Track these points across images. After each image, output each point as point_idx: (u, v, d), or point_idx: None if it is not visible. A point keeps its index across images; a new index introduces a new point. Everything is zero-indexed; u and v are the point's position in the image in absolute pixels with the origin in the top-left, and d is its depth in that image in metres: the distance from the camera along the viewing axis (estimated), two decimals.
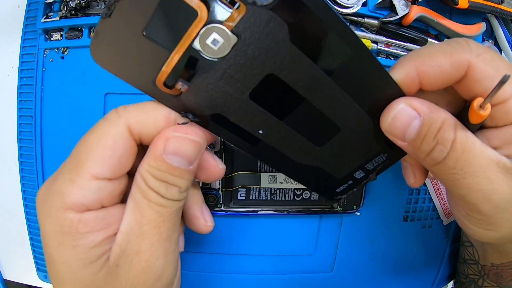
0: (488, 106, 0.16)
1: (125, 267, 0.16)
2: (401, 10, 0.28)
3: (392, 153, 0.21)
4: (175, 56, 0.15)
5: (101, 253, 0.16)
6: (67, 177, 0.16)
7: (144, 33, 0.14)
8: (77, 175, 0.16)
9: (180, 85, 0.16)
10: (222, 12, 0.14)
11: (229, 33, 0.14)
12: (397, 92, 0.18)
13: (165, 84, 0.16)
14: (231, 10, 0.14)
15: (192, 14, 0.14)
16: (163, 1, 0.14)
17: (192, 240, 0.30)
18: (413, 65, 0.17)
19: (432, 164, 0.18)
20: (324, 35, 0.15)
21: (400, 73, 0.18)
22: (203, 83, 0.16)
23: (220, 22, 0.14)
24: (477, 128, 0.18)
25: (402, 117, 0.18)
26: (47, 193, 0.17)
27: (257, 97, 0.17)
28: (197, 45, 0.14)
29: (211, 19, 0.14)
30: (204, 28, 0.14)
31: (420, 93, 0.18)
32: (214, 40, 0.14)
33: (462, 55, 0.17)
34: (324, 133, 0.20)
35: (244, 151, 0.20)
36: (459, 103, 0.19)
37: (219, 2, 0.14)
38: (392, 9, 0.28)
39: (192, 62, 0.15)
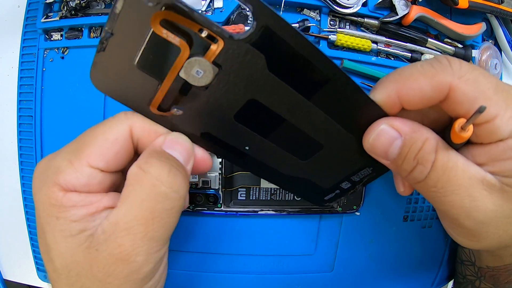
0: (470, 127, 0.16)
1: (104, 254, 0.16)
2: (401, 10, 0.28)
3: (377, 167, 0.21)
4: (165, 85, 0.16)
5: (81, 229, 0.17)
6: (67, 157, 0.18)
7: (136, 65, 0.16)
8: (75, 158, 0.17)
9: (175, 111, 0.17)
10: (202, 46, 0.15)
11: (210, 64, 0.15)
12: (379, 112, 0.18)
13: (159, 108, 0.17)
14: (210, 45, 0.15)
15: (177, 48, 0.15)
16: (151, 38, 0.15)
17: (192, 240, 0.30)
18: (393, 88, 0.17)
19: (414, 182, 0.18)
20: (301, 63, 0.16)
21: (381, 95, 0.18)
22: (192, 107, 0.17)
23: (202, 55, 0.15)
24: (461, 146, 0.18)
25: (384, 138, 0.18)
26: (46, 167, 0.18)
27: (241, 118, 0.18)
28: (183, 75, 0.16)
29: (193, 53, 0.15)
30: (187, 61, 0.15)
31: (404, 110, 0.18)
32: (197, 71, 0.16)
33: (443, 77, 0.16)
34: (308, 149, 0.20)
35: (233, 164, 0.21)
36: (445, 118, 0.19)
37: (199, 39, 0.15)
38: (392, 9, 0.28)
39: (182, 89, 0.17)
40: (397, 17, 0.28)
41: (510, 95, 0.17)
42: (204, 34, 0.15)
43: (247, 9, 0.14)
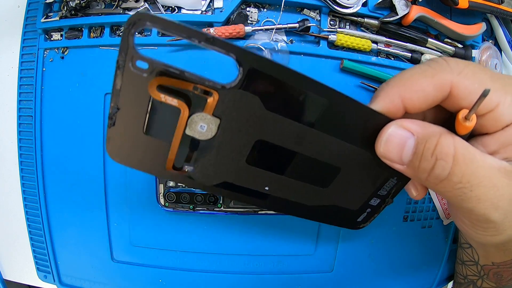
0: (473, 117, 0.16)
1: None
2: (401, 10, 0.28)
3: (401, 174, 0.20)
4: (174, 146, 0.17)
5: None
6: None
7: (145, 132, 0.17)
8: None
9: (187, 169, 0.18)
10: (200, 102, 0.16)
11: (211, 117, 0.16)
12: (385, 120, 0.18)
13: (174, 168, 0.18)
14: (206, 99, 0.16)
15: (178, 109, 0.16)
16: (153, 106, 0.16)
17: (192, 240, 0.30)
18: (396, 93, 0.17)
19: (436, 183, 0.17)
20: (296, 94, 0.17)
21: (384, 103, 0.17)
22: (205, 160, 0.18)
23: (201, 111, 0.16)
24: (466, 138, 0.18)
25: (395, 139, 0.17)
26: None
27: (253, 161, 0.18)
28: (189, 132, 0.17)
29: (193, 110, 0.16)
30: (189, 119, 0.16)
31: (406, 114, 0.18)
32: (201, 125, 0.17)
33: (443, 75, 0.17)
34: (326, 175, 0.20)
35: (258, 207, 0.21)
36: (443, 118, 0.19)
37: (196, 96, 0.16)
38: (392, 9, 0.28)
39: (191, 146, 0.18)
40: (397, 17, 0.28)
41: (506, 82, 0.17)
42: (198, 90, 0.16)
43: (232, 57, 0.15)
